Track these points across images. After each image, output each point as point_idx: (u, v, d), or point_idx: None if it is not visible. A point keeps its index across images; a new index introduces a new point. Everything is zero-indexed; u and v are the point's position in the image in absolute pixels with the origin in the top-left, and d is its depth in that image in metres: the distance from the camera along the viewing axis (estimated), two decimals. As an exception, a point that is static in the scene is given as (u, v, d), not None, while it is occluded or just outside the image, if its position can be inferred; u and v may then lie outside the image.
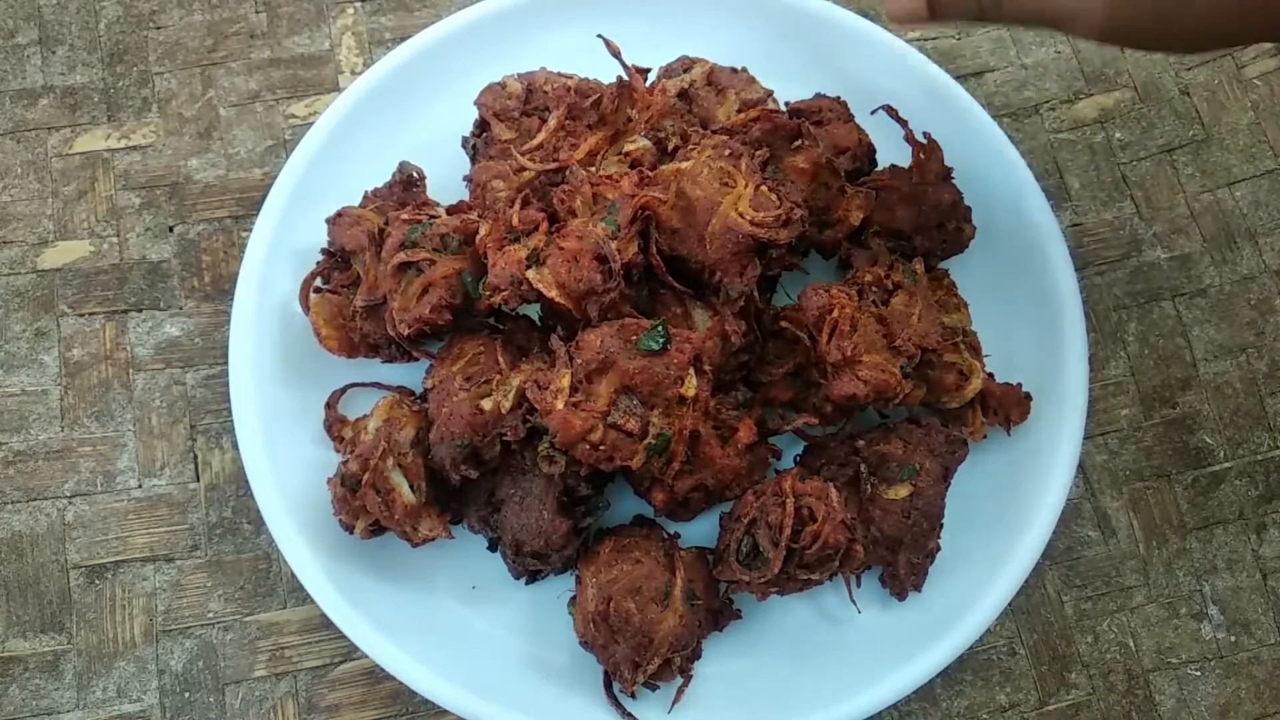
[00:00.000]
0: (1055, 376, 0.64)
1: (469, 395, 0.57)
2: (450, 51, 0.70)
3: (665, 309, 0.59)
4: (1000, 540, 0.62)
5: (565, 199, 0.58)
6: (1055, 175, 0.76)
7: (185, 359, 0.70)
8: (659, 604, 0.56)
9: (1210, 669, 0.66)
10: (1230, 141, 0.77)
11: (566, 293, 0.55)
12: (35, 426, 0.68)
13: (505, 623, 0.62)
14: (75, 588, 0.65)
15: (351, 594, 0.60)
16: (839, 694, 0.59)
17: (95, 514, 0.67)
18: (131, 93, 0.76)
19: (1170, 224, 0.75)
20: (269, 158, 0.74)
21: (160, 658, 0.64)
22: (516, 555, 0.59)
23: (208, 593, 0.65)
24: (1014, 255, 0.67)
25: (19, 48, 0.77)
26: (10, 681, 0.64)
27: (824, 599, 0.62)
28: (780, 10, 0.72)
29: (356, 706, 0.64)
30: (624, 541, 0.59)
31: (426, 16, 0.77)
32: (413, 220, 0.60)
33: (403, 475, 0.58)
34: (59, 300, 0.71)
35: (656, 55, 0.67)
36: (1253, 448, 0.70)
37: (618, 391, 0.53)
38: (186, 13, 0.78)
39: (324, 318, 0.63)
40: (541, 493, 0.57)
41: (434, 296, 0.58)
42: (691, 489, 0.57)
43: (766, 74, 0.67)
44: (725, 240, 0.56)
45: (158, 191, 0.74)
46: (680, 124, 0.63)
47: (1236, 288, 0.74)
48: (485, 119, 0.65)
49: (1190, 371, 0.72)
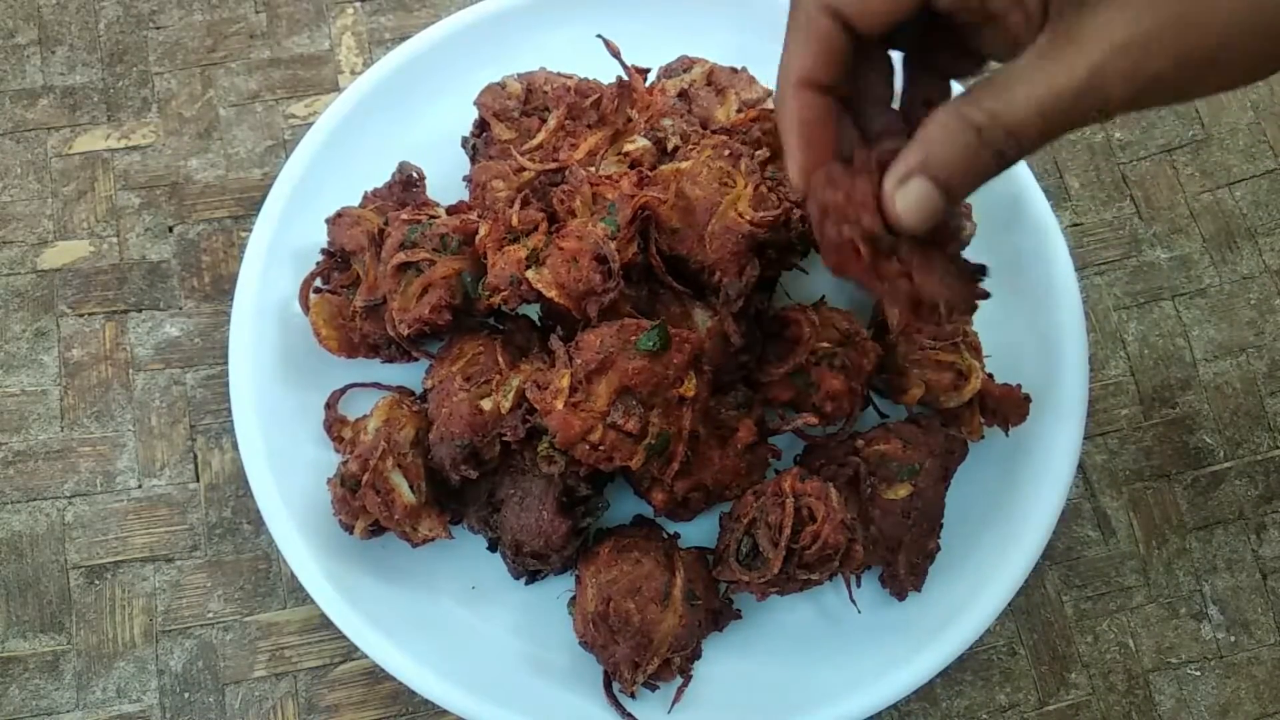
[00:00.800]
0: (1055, 376, 0.64)
1: (469, 395, 0.57)
2: (450, 51, 0.70)
3: (665, 309, 0.59)
4: (1000, 540, 0.62)
5: (565, 199, 0.58)
6: (1055, 175, 0.76)
7: (185, 359, 0.70)
8: (659, 604, 0.56)
9: (1210, 669, 0.66)
10: (1230, 141, 0.77)
11: (566, 293, 0.55)
12: (35, 426, 0.68)
13: (505, 623, 0.62)
14: (75, 588, 0.65)
15: (351, 594, 0.60)
16: (839, 694, 0.59)
17: (95, 514, 0.67)
18: (131, 93, 0.76)
19: (1170, 224, 0.75)
20: (269, 158, 0.74)
21: (160, 658, 0.64)
22: (516, 555, 0.59)
23: (207, 593, 0.65)
24: (1014, 255, 0.67)
25: (19, 48, 0.77)
26: (10, 681, 0.64)
27: (824, 599, 0.62)
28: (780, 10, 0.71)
29: (356, 706, 0.64)
30: (624, 541, 0.59)
31: (426, 16, 0.77)
32: (413, 220, 0.60)
33: (402, 475, 0.58)
34: (59, 300, 0.71)
35: (656, 55, 0.67)
36: (1253, 448, 0.70)
37: (617, 392, 0.53)
38: (186, 13, 0.78)
39: (324, 318, 0.63)
40: (541, 493, 0.57)
41: (434, 296, 0.58)
42: (691, 489, 0.57)
43: (766, 74, 0.67)
44: (725, 240, 0.56)
45: (157, 191, 0.74)
46: (680, 124, 0.63)
47: (1236, 288, 0.74)
48: (485, 119, 0.65)
49: (1190, 371, 0.72)
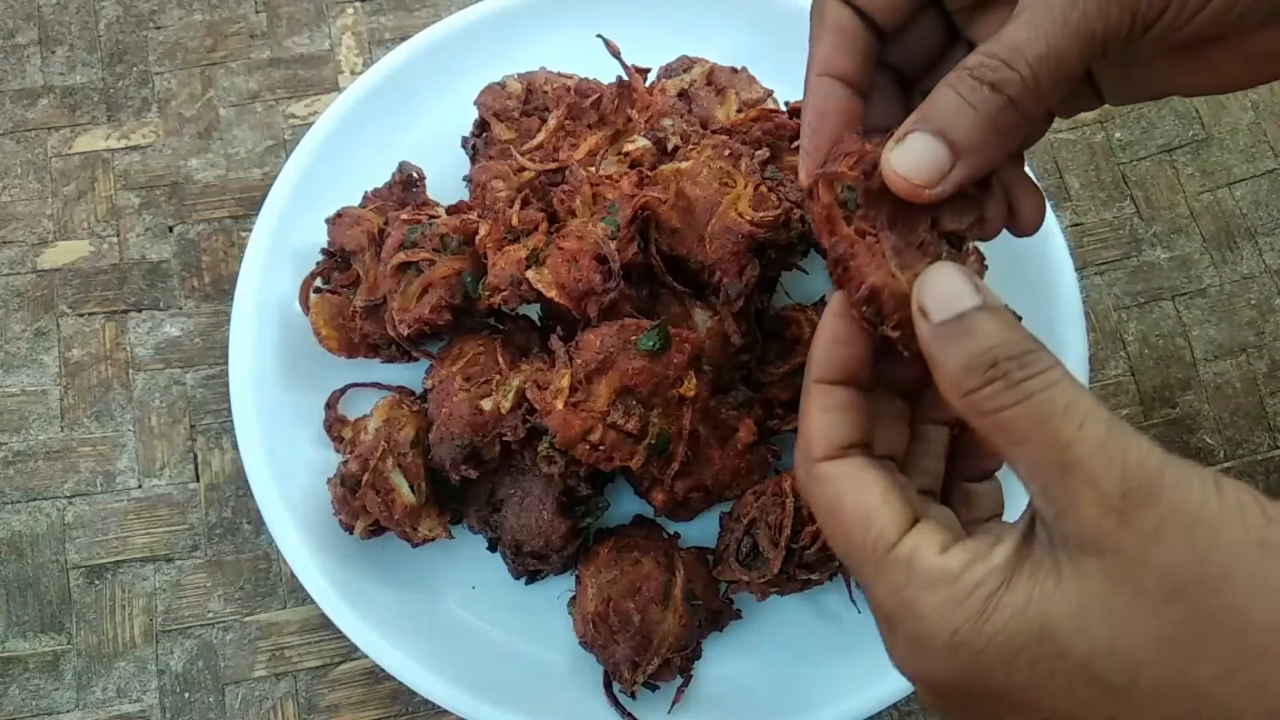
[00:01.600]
0: (1055, 376, 0.64)
1: (469, 395, 0.57)
2: (450, 51, 0.70)
3: (665, 309, 0.59)
4: (1000, 540, 0.62)
5: (565, 199, 0.58)
6: (1055, 175, 0.76)
7: (185, 359, 0.70)
8: (659, 604, 0.56)
9: (1210, 669, 0.66)
10: (1230, 141, 0.77)
11: (566, 293, 0.55)
12: (35, 426, 0.68)
13: (505, 623, 0.62)
14: (75, 588, 0.65)
15: (351, 594, 0.60)
16: (839, 694, 0.59)
17: (95, 514, 0.67)
18: (131, 93, 0.76)
19: (1170, 224, 0.75)
20: (269, 158, 0.74)
21: (160, 658, 0.64)
22: (516, 555, 0.59)
23: (208, 593, 0.65)
24: (1014, 255, 0.67)
25: (19, 48, 0.77)
26: (10, 681, 0.64)
27: (824, 599, 0.62)
28: (780, 10, 0.71)
29: (356, 706, 0.64)
30: (624, 542, 0.59)
31: (426, 16, 0.77)
32: (413, 220, 0.60)
33: (403, 475, 0.58)
34: (59, 300, 0.71)
35: (656, 55, 0.67)
36: (1253, 448, 0.70)
37: (617, 391, 0.53)
38: (186, 13, 0.78)
39: (324, 318, 0.63)
40: (541, 493, 0.57)
41: (434, 296, 0.58)
42: (691, 489, 0.57)
43: (766, 74, 0.67)
44: (725, 240, 0.56)
45: (157, 191, 0.74)
46: (680, 124, 0.63)
47: (1236, 288, 0.74)
48: (485, 119, 0.65)
49: (1190, 371, 0.72)
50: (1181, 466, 0.30)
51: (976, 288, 0.33)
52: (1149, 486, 0.29)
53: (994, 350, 0.32)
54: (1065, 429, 0.30)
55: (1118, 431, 0.30)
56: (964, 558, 0.32)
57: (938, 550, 0.33)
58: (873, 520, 0.34)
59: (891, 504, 0.34)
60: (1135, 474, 0.30)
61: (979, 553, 0.32)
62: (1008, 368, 0.31)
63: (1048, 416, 0.31)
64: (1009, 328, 0.32)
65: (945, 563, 0.32)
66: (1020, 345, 0.32)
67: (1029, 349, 0.32)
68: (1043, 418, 0.31)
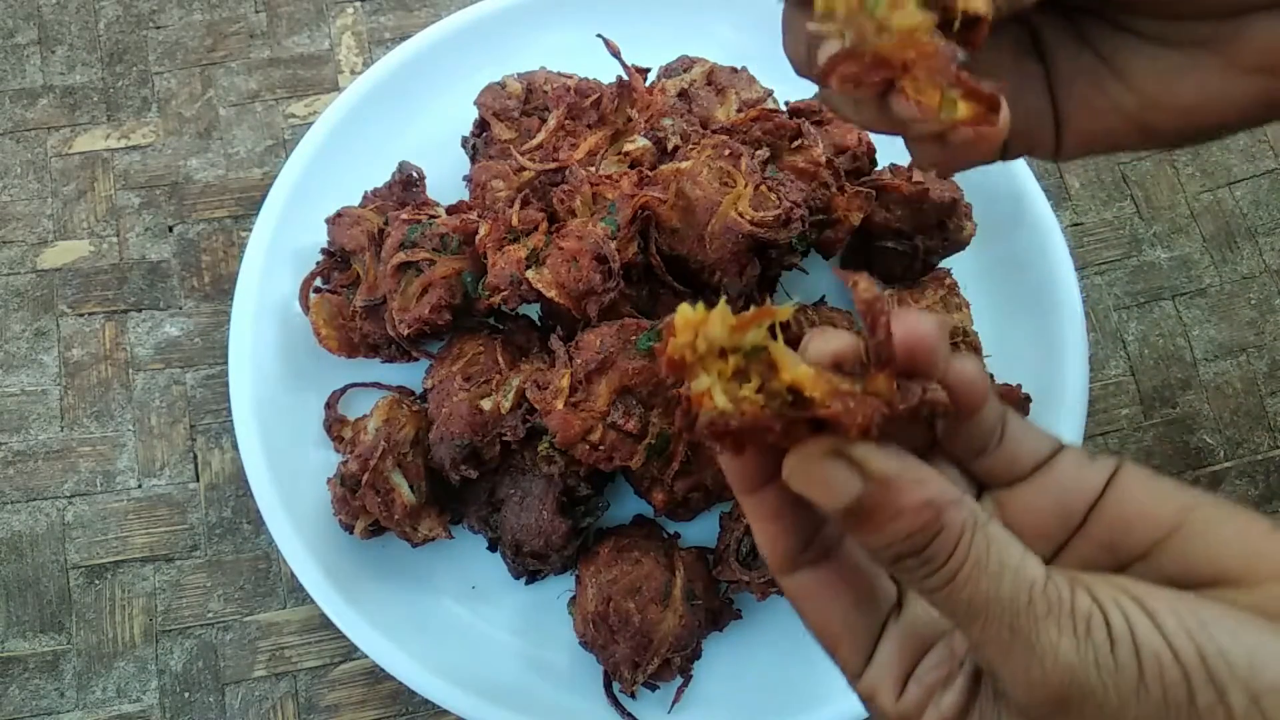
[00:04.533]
0: (1055, 376, 0.64)
1: (469, 395, 0.57)
2: (450, 51, 0.70)
3: (665, 309, 0.59)
4: (1000, 540, 0.62)
5: (565, 199, 0.58)
6: (1055, 175, 0.76)
7: (185, 359, 0.70)
8: (659, 604, 0.56)
9: (1210, 669, 0.66)
10: (1230, 141, 0.77)
11: (566, 293, 0.55)
12: (35, 426, 0.68)
13: (505, 623, 0.62)
14: (75, 588, 0.65)
15: (351, 594, 0.60)
16: (839, 694, 0.59)
17: (95, 514, 0.67)
18: (131, 92, 0.76)
19: (1170, 224, 0.75)
20: (269, 158, 0.74)
21: (160, 658, 0.64)
22: (516, 555, 0.59)
23: (207, 593, 0.65)
24: (1014, 255, 0.67)
25: (19, 48, 0.77)
26: (10, 681, 0.64)
27: (824, 599, 0.62)
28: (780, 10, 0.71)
29: (356, 706, 0.64)
30: (624, 541, 0.59)
31: (426, 16, 0.77)
32: (413, 220, 0.60)
33: (403, 475, 0.58)
34: (59, 300, 0.71)
35: (656, 55, 0.67)
36: (1253, 448, 0.70)
37: (617, 391, 0.53)
38: (186, 12, 0.78)
39: (324, 318, 0.63)
40: (541, 493, 0.57)
41: (434, 296, 0.58)
42: (691, 489, 0.57)
43: (766, 74, 0.67)
44: (725, 240, 0.56)
45: (157, 191, 0.74)
46: (680, 124, 0.63)
47: (1236, 288, 0.74)
48: (485, 119, 0.65)
49: (1190, 371, 0.72)
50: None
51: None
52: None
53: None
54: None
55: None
56: (917, 699, 0.32)
57: (894, 695, 0.33)
58: (838, 645, 0.34)
59: (852, 630, 0.34)
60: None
61: (932, 692, 0.32)
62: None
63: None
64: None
65: (900, 710, 0.32)
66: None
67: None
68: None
